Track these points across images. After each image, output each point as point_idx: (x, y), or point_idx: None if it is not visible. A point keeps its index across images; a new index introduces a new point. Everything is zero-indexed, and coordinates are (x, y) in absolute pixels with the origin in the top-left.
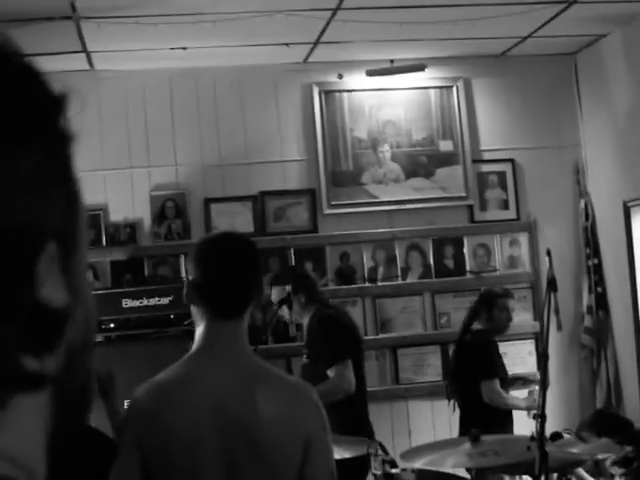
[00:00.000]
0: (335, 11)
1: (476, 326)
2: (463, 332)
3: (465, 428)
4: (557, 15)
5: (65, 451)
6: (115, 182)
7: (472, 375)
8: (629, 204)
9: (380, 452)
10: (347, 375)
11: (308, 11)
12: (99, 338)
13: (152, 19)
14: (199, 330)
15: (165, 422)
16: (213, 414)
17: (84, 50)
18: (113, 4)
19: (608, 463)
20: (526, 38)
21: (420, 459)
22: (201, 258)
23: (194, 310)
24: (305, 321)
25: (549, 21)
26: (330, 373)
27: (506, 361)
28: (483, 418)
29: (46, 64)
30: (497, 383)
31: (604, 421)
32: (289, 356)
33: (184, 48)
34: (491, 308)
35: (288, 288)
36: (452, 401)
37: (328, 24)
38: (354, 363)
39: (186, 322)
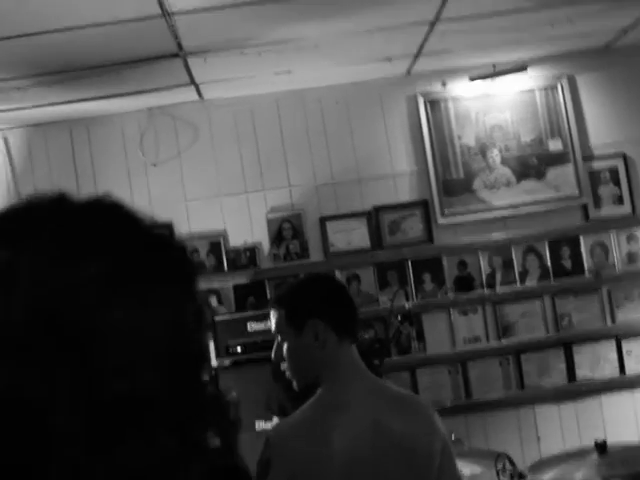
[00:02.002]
0: (433, 24)
1: None
2: None
3: None
4: None
5: None
6: (232, 207)
7: None
8: None
9: (508, 465)
10: None
11: (407, 26)
12: (227, 362)
13: (256, 48)
14: (324, 357)
15: (323, 453)
16: (372, 434)
17: (192, 82)
18: (217, 39)
19: None
20: (628, 29)
21: (549, 471)
22: (323, 295)
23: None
24: None
25: None
26: None
27: (630, 359)
28: None
29: (158, 99)
30: None
31: None
32: (413, 368)
33: (289, 72)
34: None
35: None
36: None
37: (427, 36)
38: None
39: None
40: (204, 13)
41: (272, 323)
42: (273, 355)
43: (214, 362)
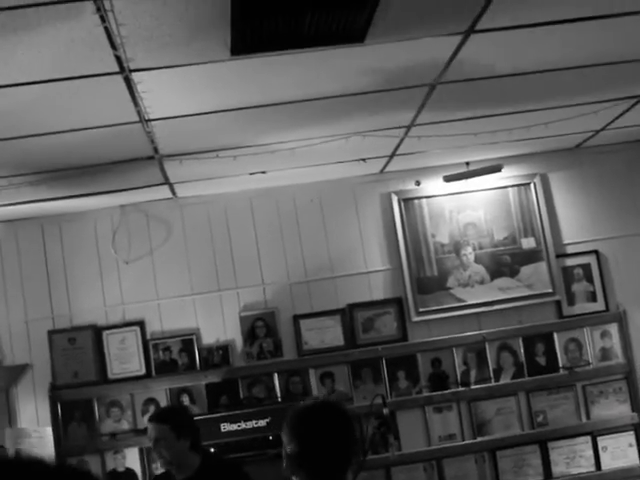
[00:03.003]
0: (409, 128)
1: None
2: None
3: None
4: (629, 109)
5: None
6: (205, 305)
7: None
8: None
9: None
10: None
11: (383, 130)
12: None
13: (231, 152)
14: None
15: None
16: None
17: (166, 182)
18: (193, 144)
19: None
20: (599, 131)
21: None
22: (298, 429)
23: None
24: None
25: (621, 115)
26: None
27: (606, 455)
28: None
29: (131, 197)
30: None
31: None
32: (388, 466)
33: (263, 172)
34: None
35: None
36: None
37: (402, 140)
38: None
39: None
40: (180, 119)
41: None
42: None
43: None
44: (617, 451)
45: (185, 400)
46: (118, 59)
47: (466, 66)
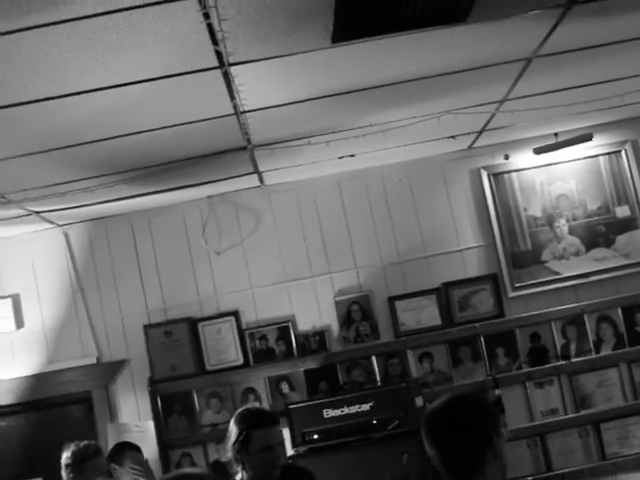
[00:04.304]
0: (501, 103)
1: None
2: None
3: None
4: None
5: None
6: (299, 292)
7: None
8: None
9: None
10: None
11: (474, 107)
12: (303, 449)
13: (324, 137)
14: None
15: None
16: None
17: (256, 171)
18: (286, 132)
19: None
20: None
21: None
22: (432, 434)
23: None
24: None
25: None
26: None
27: None
28: None
29: (218, 187)
30: None
31: None
32: None
33: (352, 155)
34: None
35: None
36: None
37: (493, 116)
38: None
39: (389, 427)
40: (274, 109)
41: None
42: None
43: (290, 450)
44: None
45: (284, 388)
46: (218, 54)
47: (564, 38)
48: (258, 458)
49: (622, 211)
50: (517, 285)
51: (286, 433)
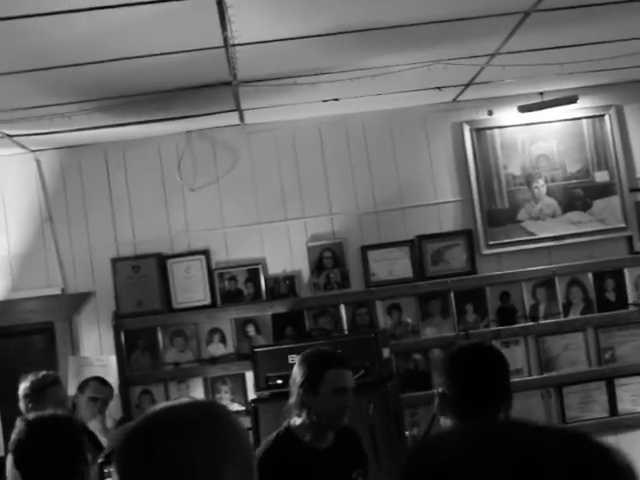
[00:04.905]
0: (493, 56)
1: None
2: None
3: None
4: None
5: None
6: (272, 235)
7: None
8: None
9: None
10: None
11: (466, 58)
12: (267, 394)
13: (311, 78)
14: None
15: None
16: None
17: (237, 109)
18: (273, 70)
19: None
20: None
21: None
22: (450, 371)
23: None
24: None
25: None
26: None
27: None
28: None
29: (197, 123)
30: None
31: None
32: None
33: (336, 99)
34: None
35: None
36: None
37: (482, 69)
38: None
39: (355, 376)
40: (265, 44)
41: None
42: None
43: (252, 394)
44: None
45: (251, 330)
46: None
47: None
48: (328, 401)
49: (601, 176)
50: (491, 243)
51: (249, 376)
